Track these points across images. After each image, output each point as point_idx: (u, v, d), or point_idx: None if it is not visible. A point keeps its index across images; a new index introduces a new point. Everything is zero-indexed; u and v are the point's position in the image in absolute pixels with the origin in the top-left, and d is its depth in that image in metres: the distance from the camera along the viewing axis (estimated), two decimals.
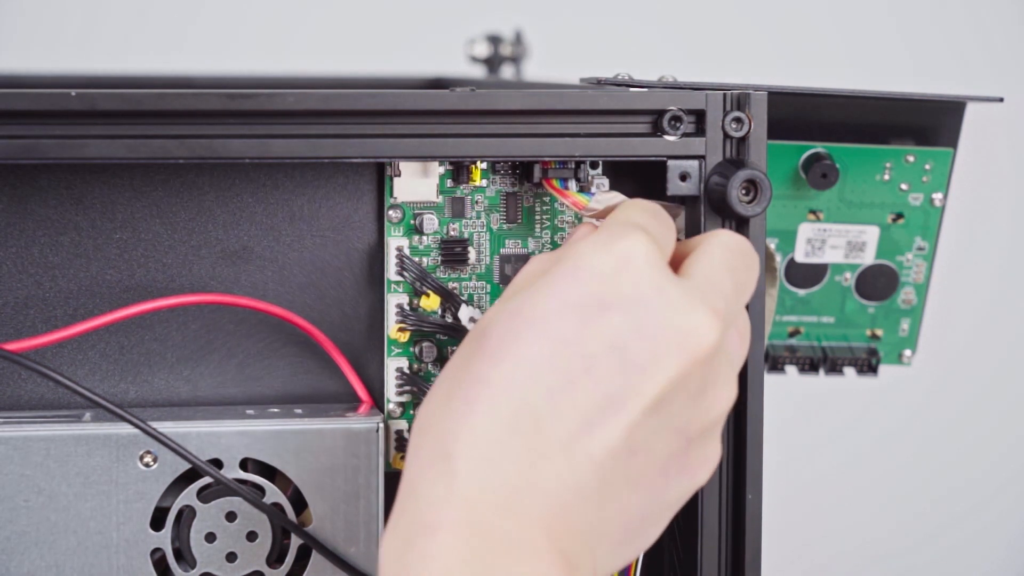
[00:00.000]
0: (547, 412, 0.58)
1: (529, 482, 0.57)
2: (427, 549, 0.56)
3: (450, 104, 0.68)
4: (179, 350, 0.73)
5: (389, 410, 0.73)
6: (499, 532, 0.57)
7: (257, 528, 0.70)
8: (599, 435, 0.58)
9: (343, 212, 0.73)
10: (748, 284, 0.63)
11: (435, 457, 0.58)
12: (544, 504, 0.57)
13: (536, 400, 0.58)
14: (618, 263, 0.60)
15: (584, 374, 0.58)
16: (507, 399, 0.58)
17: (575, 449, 0.58)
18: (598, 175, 0.73)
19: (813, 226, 0.82)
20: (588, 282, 0.59)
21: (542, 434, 0.58)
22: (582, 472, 0.58)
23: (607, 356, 0.58)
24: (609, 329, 0.59)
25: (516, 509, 0.57)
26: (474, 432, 0.58)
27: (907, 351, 0.86)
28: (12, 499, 0.68)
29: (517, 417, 0.58)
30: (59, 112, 0.65)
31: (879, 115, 0.81)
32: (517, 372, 0.58)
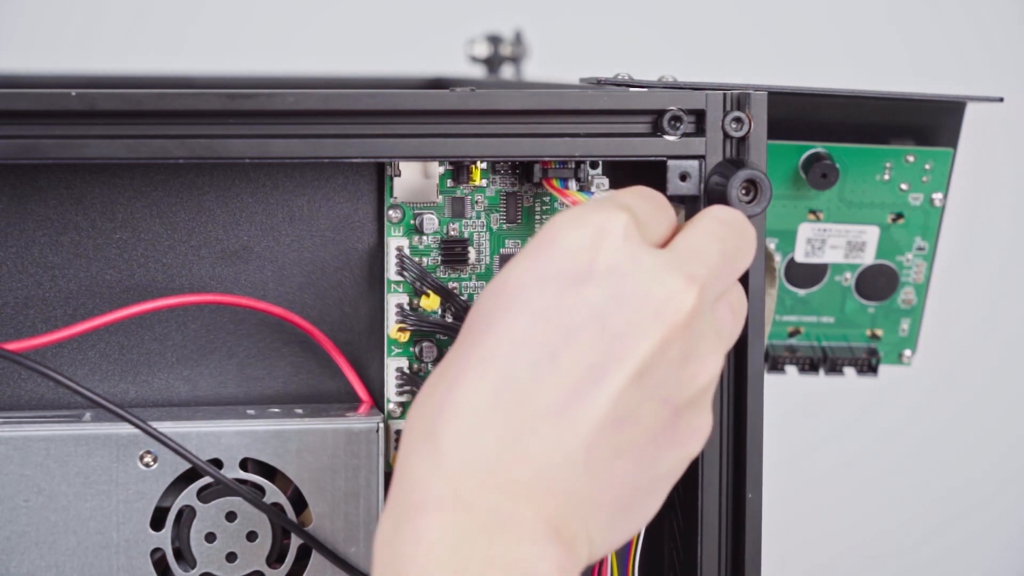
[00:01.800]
0: (530, 385, 0.58)
1: (514, 455, 0.58)
2: (415, 528, 0.57)
3: (450, 104, 0.68)
4: (179, 350, 0.73)
5: (389, 410, 0.73)
6: (485, 507, 0.57)
7: (257, 528, 0.70)
8: (584, 405, 0.58)
9: (343, 212, 0.73)
10: (738, 254, 0.64)
11: (422, 436, 0.58)
12: (530, 477, 0.58)
13: (518, 373, 0.58)
14: (593, 236, 0.60)
15: (565, 345, 0.59)
16: (489, 373, 0.58)
17: (560, 420, 0.58)
18: (598, 175, 0.73)
19: (813, 226, 0.82)
20: (564, 255, 0.60)
21: (526, 407, 0.58)
22: (568, 443, 0.58)
23: (587, 327, 0.59)
24: (587, 301, 0.59)
25: (502, 483, 0.57)
26: (458, 408, 0.58)
27: (907, 351, 0.86)
28: (12, 499, 0.68)
29: (500, 391, 0.58)
30: (59, 112, 0.65)
31: (879, 115, 0.81)
32: (498, 346, 0.59)
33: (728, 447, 0.70)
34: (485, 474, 0.57)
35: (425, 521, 0.57)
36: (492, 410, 0.58)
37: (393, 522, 0.58)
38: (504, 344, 0.59)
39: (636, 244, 0.60)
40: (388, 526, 0.58)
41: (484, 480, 0.57)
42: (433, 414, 0.59)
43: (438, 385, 0.59)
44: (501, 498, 0.57)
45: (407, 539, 0.57)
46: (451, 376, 0.59)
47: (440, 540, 0.56)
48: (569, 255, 0.60)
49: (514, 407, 0.58)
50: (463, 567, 0.56)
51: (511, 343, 0.59)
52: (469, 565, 0.56)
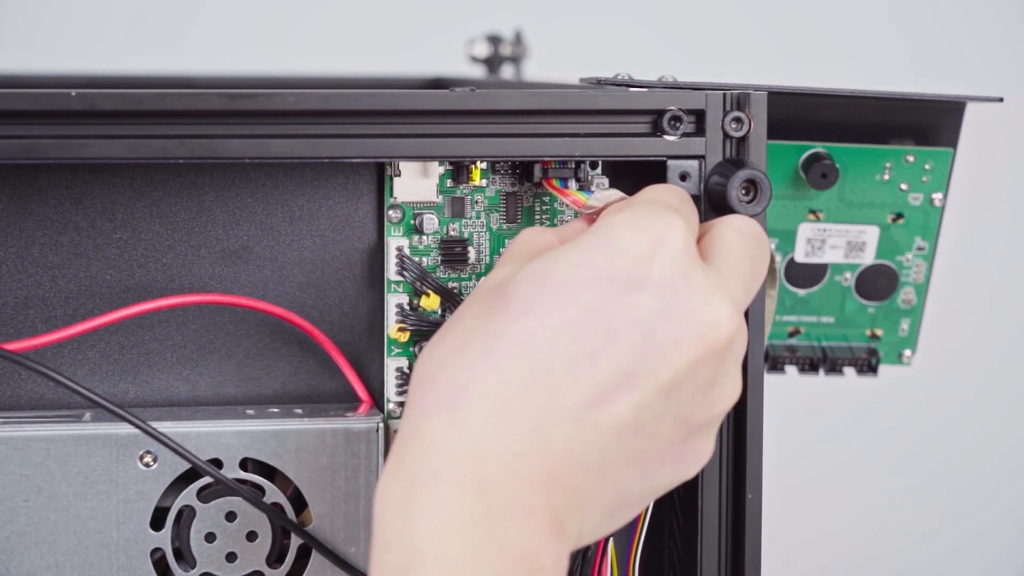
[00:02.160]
0: (564, 378, 0.58)
1: (536, 446, 0.58)
2: (431, 500, 0.57)
3: (450, 104, 0.68)
4: (179, 350, 0.73)
5: (389, 410, 0.73)
6: (501, 491, 0.57)
7: (257, 528, 0.70)
8: (610, 408, 0.59)
9: (343, 212, 0.73)
10: (761, 271, 0.65)
11: (444, 404, 0.58)
12: (546, 467, 0.58)
13: (555, 365, 0.58)
14: (653, 244, 0.60)
15: (605, 347, 0.59)
16: (527, 359, 0.58)
17: (585, 418, 0.58)
18: (598, 175, 0.73)
19: (813, 226, 0.82)
20: (622, 258, 0.60)
21: (555, 399, 0.58)
22: (587, 441, 0.58)
23: (630, 333, 0.59)
24: (636, 308, 0.59)
25: (522, 471, 0.57)
26: (488, 386, 0.58)
27: (907, 351, 0.86)
28: (12, 499, 0.68)
29: (534, 379, 0.58)
30: (59, 112, 0.65)
31: (879, 115, 0.81)
32: (541, 334, 0.59)
33: (728, 447, 0.70)
34: (507, 460, 0.57)
35: (443, 494, 0.57)
36: (524, 397, 0.58)
37: (405, 485, 0.57)
38: (548, 334, 0.59)
39: (691, 259, 0.61)
40: (398, 488, 0.57)
41: (506, 466, 0.57)
42: (460, 384, 0.58)
43: (464, 352, 0.59)
44: (519, 486, 0.57)
45: (422, 509, 0.57)
46: (481, 346, 0.59)
47: (458, 517, 0.56)
48: (627, 259, 0.60)
49: (545, 398, 0.58)
50: (479, 548, 0.56)
51: (555, 335, 0.59)
52: (485, 547, 0.56)
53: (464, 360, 0.59)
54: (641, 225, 0.61)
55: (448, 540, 0.56)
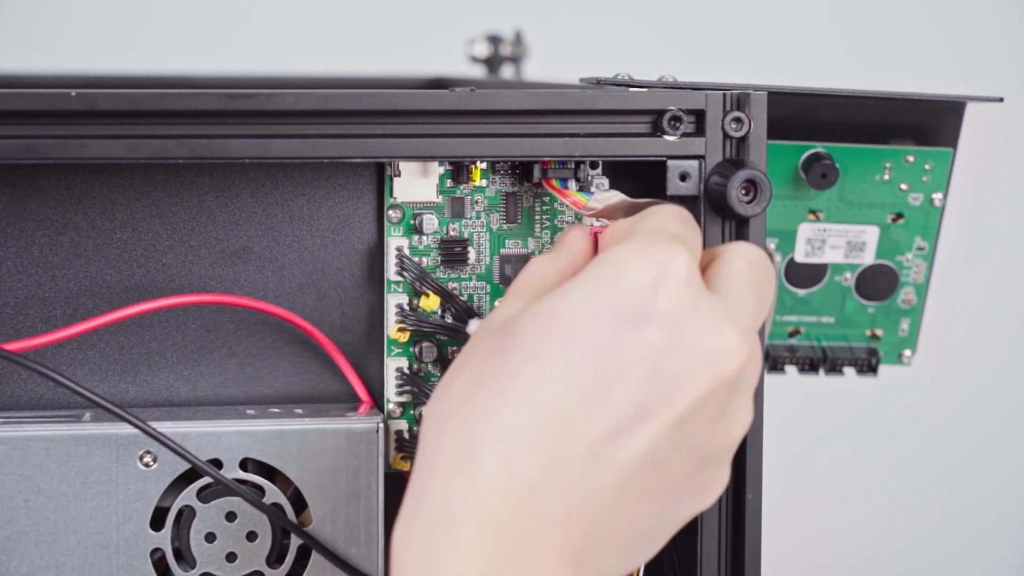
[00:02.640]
0: (578, 417, 0.58)
1: (551, 483, 0.58)
2: (449, 545, 0.56)
3: (450, 104, 0.68)
4: (179, 350, 0.73)
5: (389, 410, 0.73)
6: (519, 532, 0.57)
7: (257, 528, 0.70)
8: (625, 443, 0.58)
9: (343, 212, 0.73)
10: (768, 300, 0.64)
11: (458, 447, 0.58)
12: (563, 506, 0.58)
13: (569, 404, 0.58)
14: (657, 276, 0.60)
15: (617, 382, 0.58)
16: (539, 399, 0.58)
17: (600, 455, 0.58)
18: (598, 175, 0.73)
19: (813, 226, 0.82)
20: (627, 292, 0.59)
21: (570, 439, 0.58)
22: (603, 478, 0.58)
23: (640, 367, 0.59)
24: (644, 342, 0.59)
25: (536, 510, 0.57)
26: (502, 427, 0.58)
27: (907, 351, 0.86)
28: (12, 499, 0.68)
29: (548, 419, 0.58)
30: (59, 112, 0.65)
31: (879, 115, 0.81)
32: (553, 372, 0.58)
33: None
34: (523, 501, 0.57)
35: (461, 539, 0.56)
36: (537, 437, 0.58)
37: (422, 532, 0.57)
38: (558, 372, 0.58)
39: (696, 288, 0.60)
40: (416, 534, 0.57)
41: (521, 507, 0.57)
42: (474, 426, 0.58)
43: (475, 393, 0.59)
44: (535, 527, 0.57)
45: (441, 554, 0.56)
46: (494, 388, 0.58)
47: (477, 561, 0.56)
48: (631, 293, 0.59)
49: (559, 437, 0.58)
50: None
51: (565, 373, 0.58)
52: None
53: (476, 403, 0.59)
54: (644, 256, 0.60)
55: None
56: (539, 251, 0.74)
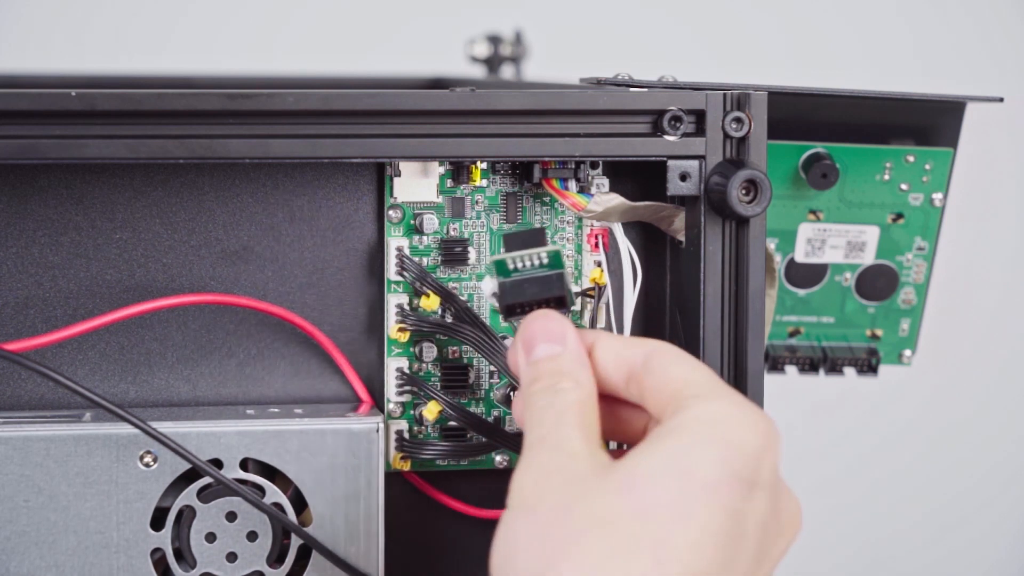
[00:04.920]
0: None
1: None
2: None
3: (450, 104, 0.68)
4: (179, 350, 0.73)
5: (389, 410, 0.73)
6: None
7: (257, 528, 0.70)
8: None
9: (343, 212, 0.73)
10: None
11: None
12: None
13: (712, 568, 0.58)
14: (764, 444, 0.60)
15: (741, 550, 0.59)
16: (691, 564, 0.57)
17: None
18: (598, 175, 0.73)
19: (813, 226, 0.82)
20: (746, 456, 0.59)
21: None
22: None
23: (755, 532, 0.59)
24: (759, 509, 0.59)
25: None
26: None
27: (907, 351, 0.86)
28: (12, 499, 0.68)
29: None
30: (59, 112, 0.65)
31: (879, 115, 0.81)
32: (700, 539, 0.57)
33: None
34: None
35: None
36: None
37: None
38: (704, 539, 0.57)
39: (778, 460, 0.62)
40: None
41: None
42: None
43: (626, 557, 0.57)
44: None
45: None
46: (647, 560, 0.57)
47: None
48: (750, 457, 0.59)
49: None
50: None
51: (710, 540, 0.58)
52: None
53: (629, 570, 0.57)
54: (752, 419, 0.60)
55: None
56: None
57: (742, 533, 0.59)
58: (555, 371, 0.63)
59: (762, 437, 0.60)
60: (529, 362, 0.63)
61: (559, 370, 0.63)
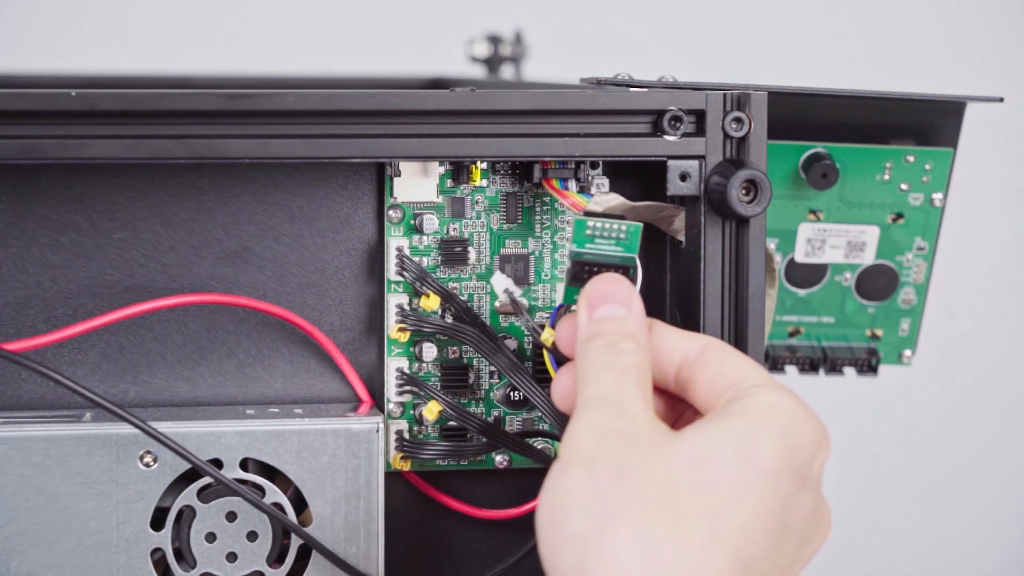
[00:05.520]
0: (762, 567, 0.58)
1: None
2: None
3: (450, 104, 0.68)
4: (179, 350, 0.73)
5: (389, 410, 0.73)
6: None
7: (257, 528, 0.70)
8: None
9: (343, 212, 0.73)
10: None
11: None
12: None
13: (758, 555, 0.58)
14: (819, 442, 0.60)
15: (786, 539, 0.59)
16: (744, 548, 0.57)
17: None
18: (598, 175, 0.73)
19: (813, 226, 0.82)
20: (803, 451, 0.60)
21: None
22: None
23: (800, 527, 0.60)
24: (807, 506, 0.60)
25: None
26: (716, 570, 0.57)
27: (907, 351, 0.86)
28: (12, 499, 0.68)
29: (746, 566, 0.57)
30: (59, 112, 0.65)
31: (879, 115, 0.81)
32: (753, 523, 0.58)
33: None
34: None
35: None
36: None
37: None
38: (757, 524, 0.58)
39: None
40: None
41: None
42: (687, 561, 0.57)
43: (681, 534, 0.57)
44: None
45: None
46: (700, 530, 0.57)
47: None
48: (805, 452, 0.60)
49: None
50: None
51: (763, 526, 0.58)
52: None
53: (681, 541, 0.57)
54: (813, 419, 0.61)
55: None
56: (539, 251, 0.74)
57: (789, 525, 0.59)
58: (618, 331, 0.63)
59: (819, 435, 0.60)
60: (592, 319, 0.63)
61: (622, 330, 0.63)
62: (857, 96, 0.76)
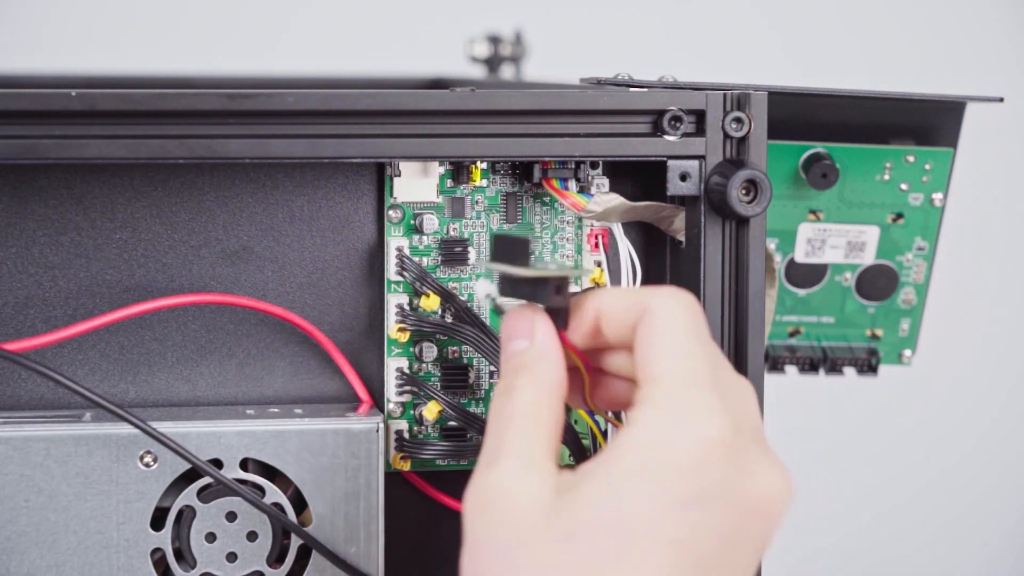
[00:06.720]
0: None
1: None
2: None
3: (450, 104, 0.68)
4: (179, 350, 0.73)
5: (389, 410, 0.73)
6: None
7: (257, 528, 0.70)
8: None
9: (343, 212, 0.73)
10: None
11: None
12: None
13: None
14: (705, 449, 0.57)
15: (696, 570, 0.57)
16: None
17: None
18: (598, 175, 0.73)
19: (813, 226, 0.82)
20: (680, 476, 0.57)
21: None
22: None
23: (713, 545, 0.57)
24: (709, 521, 0.57)
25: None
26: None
27: (907, 351, 0.86)
28: (12, 499, 0.68)
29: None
30: (59, 112, 0.65)
31: (879, 115, 0.81)
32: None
33: None
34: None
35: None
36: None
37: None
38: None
39: (735, 445, 0.58)
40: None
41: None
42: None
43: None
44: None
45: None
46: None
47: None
48: (684, 476, 0.57)
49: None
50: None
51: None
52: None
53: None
54: (679, 430, 0.58)
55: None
56: (539, 251, 0.74)
57: (695, 554, 0.57)
58: (514, 369, 0.61)
59: (701, 443, 0.57)
60: (503, 360, 0.62)
61: (518, 367, 0.61)
62: (857, 96, 0.76)
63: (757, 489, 0.58)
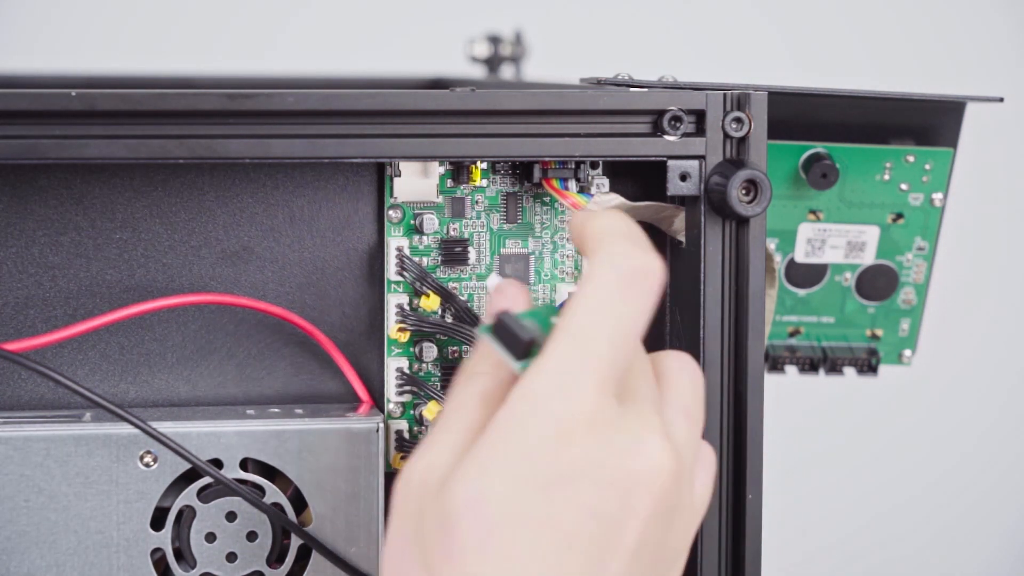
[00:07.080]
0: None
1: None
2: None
3: (450, 104, 0.68)
4: (179, 350, 0.73)
5: (389, 410, 0.73)
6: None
7: (257, 528, 0.70)
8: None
9: (343, 212, 0.73)
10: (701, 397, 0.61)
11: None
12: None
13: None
14: (558, 429, 0.56)
15: (568, 552, 0.56)
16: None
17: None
18: (598, 175, 0.73)
19: (813, 226, 0.82)
20: (537, 455, 0.56)
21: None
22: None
23: (584, 524, 0.56)
24: (576, 499, 0.56)
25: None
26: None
27: (907, 351, 0.86)
28: (12, 499, 0.68)
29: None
30: (59, 112, 0.65)
31: (879, 115, 0.81)
32: (510, 570, 0.55)
33: (728, 448, 0.70)
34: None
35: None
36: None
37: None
38: (515, 567, 0.55)
39: (603, 420, 0.57)
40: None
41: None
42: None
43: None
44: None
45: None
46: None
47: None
48: (541, 455, 0.56)
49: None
50: None
51: (518, 568, 0.55)
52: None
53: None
54: (545, 412, 0.56)
55: None
56: (539, 251, 0.74)
57: (567, 534, 0.56)
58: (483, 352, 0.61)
59: (556, 421, 0.56)
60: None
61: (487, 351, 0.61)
62: (857, 96, 0.76)
63: (635, 464, 0.57)
